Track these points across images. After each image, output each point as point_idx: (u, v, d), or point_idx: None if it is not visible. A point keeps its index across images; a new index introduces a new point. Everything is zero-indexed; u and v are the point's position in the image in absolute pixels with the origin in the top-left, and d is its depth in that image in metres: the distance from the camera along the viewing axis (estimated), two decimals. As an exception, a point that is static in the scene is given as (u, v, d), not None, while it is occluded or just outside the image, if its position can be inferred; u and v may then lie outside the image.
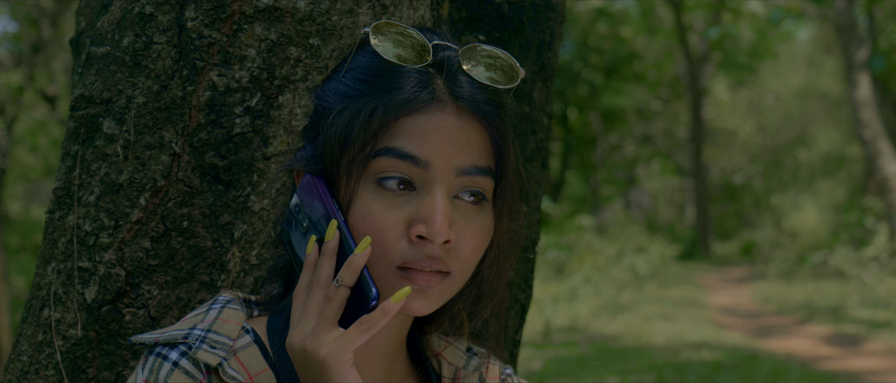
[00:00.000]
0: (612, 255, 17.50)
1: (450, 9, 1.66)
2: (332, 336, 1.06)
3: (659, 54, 26.07)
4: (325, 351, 1.05)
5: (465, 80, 1.14)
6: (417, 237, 1.10)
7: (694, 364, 8.56)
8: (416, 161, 1.10)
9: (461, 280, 1.16)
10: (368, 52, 1.15)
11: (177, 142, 1.39)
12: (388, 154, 1.10)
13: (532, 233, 1.82)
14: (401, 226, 1.10)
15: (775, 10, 17.37)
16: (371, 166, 1.11)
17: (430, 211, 1.09)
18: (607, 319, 11.84)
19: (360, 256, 1.08)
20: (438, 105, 1.11)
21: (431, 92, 1.11)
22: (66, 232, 1.41)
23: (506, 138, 1.16)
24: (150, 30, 1.39)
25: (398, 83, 1.11)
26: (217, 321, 1.14)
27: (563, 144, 25.11)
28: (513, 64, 1.17)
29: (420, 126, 1.10)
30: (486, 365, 1.32)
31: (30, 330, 1.44)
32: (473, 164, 1.12)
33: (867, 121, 13.79)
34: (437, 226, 1.08)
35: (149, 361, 1.10)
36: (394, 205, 1.10)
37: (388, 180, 1.10)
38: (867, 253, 15.54)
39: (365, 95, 1.12)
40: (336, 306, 1.07)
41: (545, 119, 1.83)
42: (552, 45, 1.81)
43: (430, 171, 1.10)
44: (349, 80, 1.15)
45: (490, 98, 1.14)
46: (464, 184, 1.13)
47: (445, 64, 1.13)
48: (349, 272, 1.08)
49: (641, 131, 29.93)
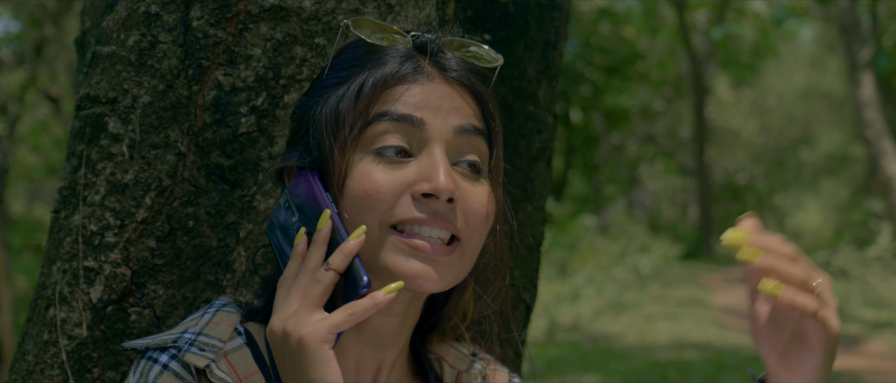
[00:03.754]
0: (614, 255, 17.50)
1: (455, 8, 1.66)
2: (315, 317, 1.04)
3: (662, 54, 26.03)
4: (306, 329, 1.02)
5: (448, 57, 1.15)
6: (422, 195, 1.08)
7: (697, 363, 8.55)
8: (412, 120, 1.09)
9: (473, 253, 1.13)
10: (349, 47, 1.16)
11: (182, 141, 1.39)
12: (381, 118, 1.09)
13: (536, 233, 1.82)
14: (400, 188, 1.08)
15: (779, 9, 17.35)
16: (366, 136, 1.09)
17: (431, 167, 1.08)
18: (610, 319, 11.84)
19: (353, 242, 1.06)
20: (427, 76, 1.12)
21: (417, 66, 1.12)
22: (72, 231, 1.41)
23: (494, 110, 1.16)
24: (155, 29, 1.39)
25: (384, 58, 1.12)
26: (209, 324, 1.15)
27: (566, 144, 25.09)
28: (489, 50, 1.17)
29: (411, 91, 1.10)
30: (492, 371, 1.31)
31: (35, 329, 1.44)
32: (470, 123, 1.12)
33: (870, 120, 13.77)
34: (441, 180, 1.07)
35: (140, 365, 1.11)
36: (391, 170, 1.09)
37: (385, 149, 1.09)
38: (870, 253, 15.53)
39: (350, 78, 1.12)
40: (322, 289, 1.05)
41: (550, 118, 1.83)
42: (557, 44, 1.81)
43: (427, 130, 1.09)
44: (332, 74, 1.15)
45: (472, 69, 1.16)
46: (461, 146, 1.12)
47: (428, 45, 1.14)
48: (340, 257, 1.06)
49: (644, 131, 29.90)
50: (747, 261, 1.06)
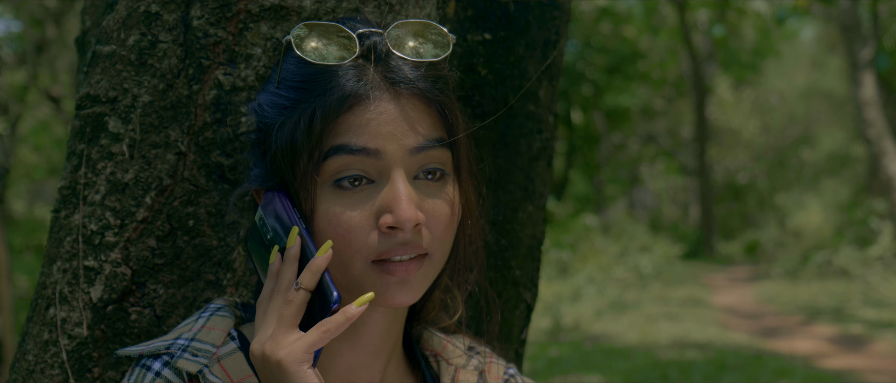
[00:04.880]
0: (616, 255, 17.50)
1: (456, 7, 1.65)
2: (291, 338, 1.05)
3: (663, 53, 26.03)
4: (283, 352, 1.04)
5: (397, 63, 1.12)
6: (388, 228, 1.08)
7: (698, 363, 8.55)
8: (367, 151, 1.08)
9: (440, 259, 1.15)
10: (294, 57, 1.14)
11: (182, 140, 1.39)
12: (337, 153, 1.08)
13: (537, 232, 1.81)
14: (368, 221, 1.09)
15: (780, 8, 17.34)
16: (324, 170, 1.09)
17: (393, 198, 1.08)
18: (611, 318, 11.83)
19: (320, 259, 1.06)
20: (375, 94, 1.10)
21: (365, 83, 1.10)
22: (72, 231, 1.41)
23: (451, 109, 1.14)
24: (155, 28, 1.39)
25: (331, 83, 1.10)
26: (203, 329, 1.15)
27: (566, 143, 25.08)
28: (440, 30, 1.15)
29: (361, 118, 1.09)
30: (488, 364, 1.31)
31: (35, 329, 1.44)
32: (426, 139, 1.11)
33: (871, 120, 13.76)
34: (404, 212, 1.07)
35: (134, 373, 1.12)
36: (356, 202, 1.09)
37: (344, 180, 1.09)
38: (871, 252, 15.52)
39: (301, 103, 1.11)
40: (295, 309, 1.06)
41: (550, 118, 1.82)
42: (558, 43, 1.80)
43: (384, 158, 1.09)
44: (283, 91, 1.13)
45: (426, 73, 1.13)
46: (420, 163, 1.11)
47: (373, 51, 1.12)
48: (309, 275, 1.06)
49: (645, 130, 29.90)
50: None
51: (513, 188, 1.73)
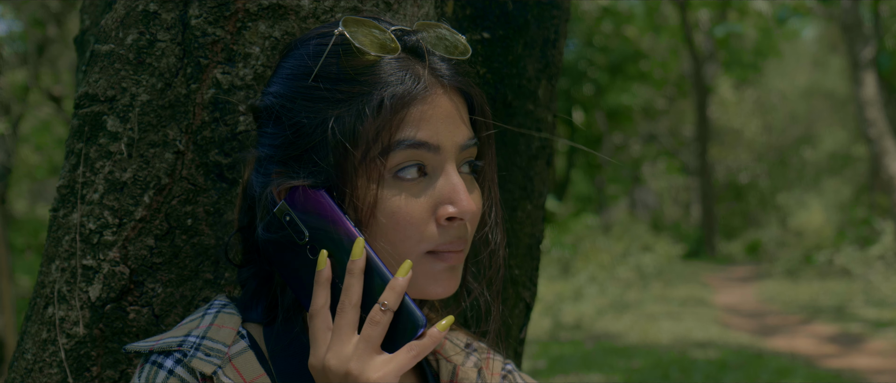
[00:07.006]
0: (617, 254, 17.50)
1: (454, 6, 1.65)
2: (380, 360, 1.05)
3: (664, 53, 26.02)
4: (377, 375, 1.04)
5: (438, 60, 1.15)
6: (446, 220, 1.11)
7: (699, 362, 8.55)
8: (429, 146, 1.10)
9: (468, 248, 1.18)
10: (337, 53, 1.13)
11: (181, 139, 1.38)
12: (400, 146, 1.09)
13: (536, 231, 1.81)
14: (427, 213, 1.11)
15: (782, 8, 17.33)
16: (387, 161, 1.10)
17: (452, 190, 1.11)
18: (613, 318, 11.83)
19: (402, 280, 1.06)
20: (430, 90, 1.12)
21: (419, 79, 1.12)
22: (70, 230, 1.41)
23: (484, 103, 1.19)
24: (153, 27, 1.39)
25: (387, 77, 1.11)
26: (212, 327, 1.14)
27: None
28: (453, 30, 1.20)
29: (422, 113, 1.11)
30: (485, 360, 1.31)
31: (34, 328, 1.44)
32: (469, 137, 1.15)
33: (873, 119, 13.75)
34: (466, 203, 1.11)
35: (145, 370, 1.10)
36: (415, 194, 1.11)
37: (405, 171, 1.11)
38: (873, 252, 15.50)
39: (356, 97, 1.10)
40: (381, 330, 1.06)
41: (549, 117, 1.82)
42: (557, 42, 1.80)
43: (441, 154, 1.11)
44: (329, 84, 1.12)
45: (459, 69, 1.17)
46: (464, 158, 1.15)
47: (421, 50, 1.15)
48: (394, 296, 1.06)
49: (647, 130, 29.89)
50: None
51: (512, 187, 1.73)
